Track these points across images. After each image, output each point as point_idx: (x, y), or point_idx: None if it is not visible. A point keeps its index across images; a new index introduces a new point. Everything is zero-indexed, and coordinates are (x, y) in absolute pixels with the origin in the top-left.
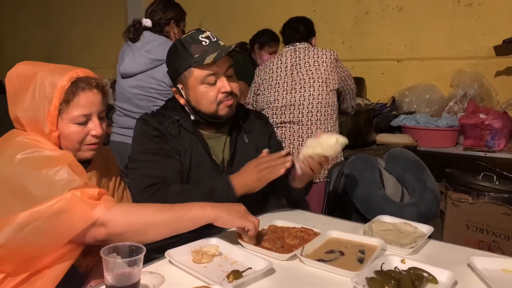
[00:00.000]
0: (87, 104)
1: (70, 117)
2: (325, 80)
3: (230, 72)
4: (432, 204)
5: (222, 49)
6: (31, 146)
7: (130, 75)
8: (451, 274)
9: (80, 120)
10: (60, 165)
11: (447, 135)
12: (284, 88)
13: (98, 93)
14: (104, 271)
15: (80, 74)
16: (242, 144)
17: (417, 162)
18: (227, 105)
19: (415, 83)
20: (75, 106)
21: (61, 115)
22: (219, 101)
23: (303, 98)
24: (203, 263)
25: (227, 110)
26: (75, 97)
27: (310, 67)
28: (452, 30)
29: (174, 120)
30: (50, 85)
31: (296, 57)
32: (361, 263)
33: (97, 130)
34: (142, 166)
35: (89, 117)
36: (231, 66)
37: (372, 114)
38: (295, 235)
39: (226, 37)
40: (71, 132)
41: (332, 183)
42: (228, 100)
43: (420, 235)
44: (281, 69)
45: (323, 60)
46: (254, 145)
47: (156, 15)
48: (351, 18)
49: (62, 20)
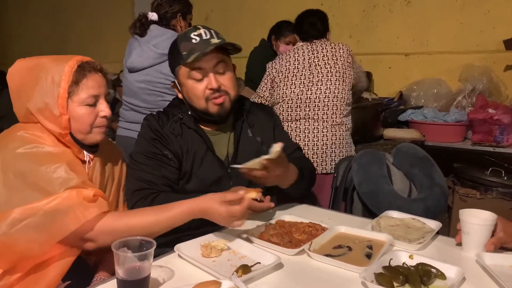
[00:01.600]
0: (95, 85)
1: (80, 98)
2: (342, 75)
3: (221, 68)
4: (440, 199)
5: (206, 47)
6: (31, 141)
7: (138, 69)
8: (459, 270)
9: (89, 102)
10: (59, 163)
11: (455, 130)
12: (301, 81)
13: (102, 77)
14: (115, 265)
15: (84, 59)
16: (246, 139)
17: (425, 157)
18: (215, 103)
19: (423, 78)
20: (84, 88)
21: (71, 97)
22: (207, 98)
23: (320, 91)
24: (212, 258)
25: (217, 108)
26: (84, 78)
27: (329, 61)
28: (461, 23)
29: (177, 119)
30: (58, 70)
31: (314, 50)
32: (369, 259)
33: (107, 111)
34: (136, 168)
35: (97, 98)
36: (221, 62)
37: (379, 108)
38: (303, 230)
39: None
40: (82, 114)
41: (339, 178)
42: (217, 98)
43: (428, 231)
44: (298, 61)
45: (340, 54)
46: (259, 138)
47: (162, 8)
48: (359, 12)
49: (70, 14)
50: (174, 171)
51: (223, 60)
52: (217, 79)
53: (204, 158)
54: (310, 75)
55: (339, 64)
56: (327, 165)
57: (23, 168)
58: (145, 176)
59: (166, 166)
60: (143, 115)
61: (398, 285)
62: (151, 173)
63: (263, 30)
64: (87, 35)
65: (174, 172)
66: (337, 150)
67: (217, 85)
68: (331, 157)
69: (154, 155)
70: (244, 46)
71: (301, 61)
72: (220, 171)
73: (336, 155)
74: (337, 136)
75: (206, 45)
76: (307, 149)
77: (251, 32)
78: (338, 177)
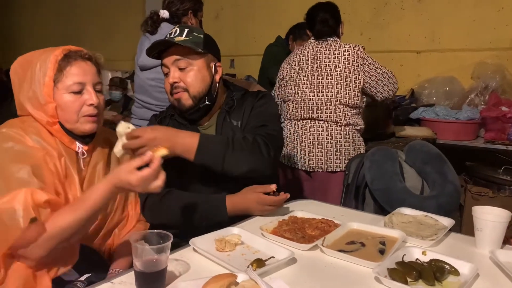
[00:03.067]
0: (80, 73)
1: (65, 85)
2: (345, 78)
3: (180, 64)
4: (453, 197)
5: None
6: (10, 139)
7: (149, 67)
8: (473, 267)
9: (74, 89)
10: (25, 164)
11: (467, 128)
12: (304, 81)
13: (92, 65)
14: (133, 257)
15: (72, 48)
16: (225, 125)
17: (438, 155)
18: (175, 97)
19: (435, 75)
20: (68, 75)
21: (56, 85)
22: (170, 92)
23: (321, 94)
24: (226, 252)
25: (176, 103)
26: (68, 66)
27: (330, 63)
28: (474, 20)
29: (169, 116)
30: (45, 61)
31: (318, 50)
32: (382, 254)
33: (93, 99)
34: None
35: (83, 86)
36: (178, 60)
37: (391, 106)
38: (316, 226)
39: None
40: (67, 102)
41: (351, 175)
42: (177, 93)
43: (441, 228)
44: (303, 61)
45: (344, 57)
46: (235, 121)
47: (174, 6)
48: (370, 9)
49: (82, 13)
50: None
51: (184, 57)
52: (174, 75)
53: None
54: (312, 76)
55: (342, 67)
56: (332, 163)
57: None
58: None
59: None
60: (154, 112)
61: (412, 281)
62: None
63: (274, 27)
64: (99, 33)
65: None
66: (342, 148)
67: (173, 81)
68: (336, 155)
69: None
70: (255, 43)
71: (304, 61)
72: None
73: (341, 154)
74: (343, 135)
75: (166, 41)
76: (312, 147)
77: (262, 29)
78: (349, 174)
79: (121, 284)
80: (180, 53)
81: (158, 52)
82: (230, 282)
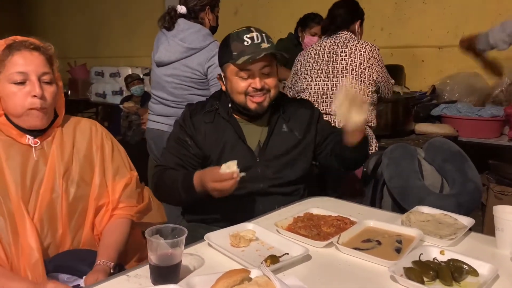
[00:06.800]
0: (22, 63)
1: (6, 76)
2: (360, 74)
3: (266, 70)
4: (473, 195)
5: (257, 52)
6: None
7: (165, 63)
8: (493, 267)
9: (16, 79)
10: None
11: (490, 125)
12: (318, 75)
13: (38, 55)
14: (148, 251)
15: (18, 39)
16: (279, 132)
17: (458, 153)
18: (255, 101)
19: (457, 71)
20: (10, 65)
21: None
22: (247, 93)
23: (335, 88)
24: (240, 247)
25: (256, 106)
26: (9, 55)
27: (346, 58)
28: (500, 15)
29: (212, 109)
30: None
31: (335, 45)
32: (398, 253)
33: (36, 91)
34: (165, 147)
35: (26, 76)
36: (267, 66)
37: (411, 103)
38: (331, 223)
39: (263, 24)
40: (10, 93)
41: (369, 172)
42: (258, 96)
43: (460, 227)
44: (318, 55)
45: (361, 53)
46: (295, 131)
47: (191, 1)
48: (391, 4)
49: (102, 10)
50: (191, 156)
51: (270, 64)
52: (261, 81)
53: (234, 147)
54: (326, 70)
55: (357, 63)
56: None
57: None
58: (166, 155)
59: (184, 150)
60: (170, 108)
61: (428, 280)
62: (170, 153)
63: (293, 24)
64: (119, 30)
65: (190, 157)
66: None
67: (261, 86)
68: None
69: (177, 139)
70: (274, 39)
71: (321, 55)
72: (249, 160)
73: None
74: None
75: (256, 49)
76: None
77: (280, 26)
78: (367, 171)
79: (136, 277)
80: (267, 60)
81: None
82: (243, 278)
